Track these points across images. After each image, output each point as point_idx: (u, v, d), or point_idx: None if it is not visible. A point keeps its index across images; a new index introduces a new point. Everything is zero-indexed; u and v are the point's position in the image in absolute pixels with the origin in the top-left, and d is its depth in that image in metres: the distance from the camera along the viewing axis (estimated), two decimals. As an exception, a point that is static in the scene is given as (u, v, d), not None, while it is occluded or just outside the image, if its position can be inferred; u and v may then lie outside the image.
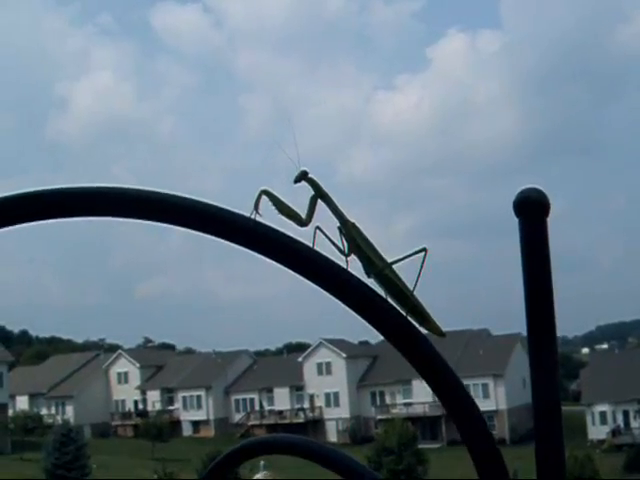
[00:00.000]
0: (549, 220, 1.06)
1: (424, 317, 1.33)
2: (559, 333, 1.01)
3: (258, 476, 45.80)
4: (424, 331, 1.23)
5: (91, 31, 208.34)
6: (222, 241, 1.10)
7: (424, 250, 1.33)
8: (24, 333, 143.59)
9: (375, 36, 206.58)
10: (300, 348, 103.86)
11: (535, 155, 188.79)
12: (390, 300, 1.27)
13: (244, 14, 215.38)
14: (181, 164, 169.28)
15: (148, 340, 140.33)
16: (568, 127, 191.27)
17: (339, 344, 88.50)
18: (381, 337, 1.09)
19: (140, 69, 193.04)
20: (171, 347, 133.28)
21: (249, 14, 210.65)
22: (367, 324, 1.10)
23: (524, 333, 1.07)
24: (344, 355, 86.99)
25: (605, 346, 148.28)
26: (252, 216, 1.20)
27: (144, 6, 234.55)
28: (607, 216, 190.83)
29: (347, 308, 1.10)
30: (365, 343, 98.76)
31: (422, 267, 1.32)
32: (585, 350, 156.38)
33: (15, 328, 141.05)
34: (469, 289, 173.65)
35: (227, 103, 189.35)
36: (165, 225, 1.10)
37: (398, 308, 1.21)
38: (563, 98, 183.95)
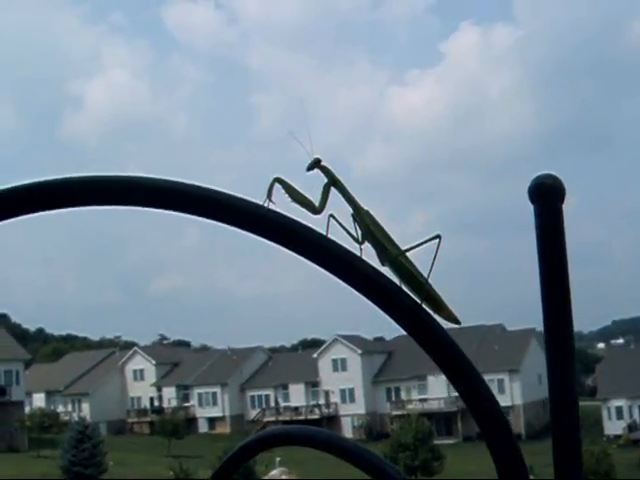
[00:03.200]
0: (564, 208, 1.05)
1: (439, 305, 1.31)
2: (574, 328, 1.02)
3: (274, 472, 45.90)
4: (439, 319, 1.22)
5: (104, 29, 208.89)
6: (237, 232, 1.09)
7: (438, 237, 1.30)
8: (40, 331, 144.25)
9: (389, 31, 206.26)
10: (315, 344, 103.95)
11: (550, 149, 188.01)
12: (404, 288, 1.24)
13: (257, 10, 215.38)
14: (194, 161, 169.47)
15: (163, 337, 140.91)
16: (583, 122, 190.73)
17: (354, 340, 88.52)
18: (396, 333, 1.10)
19: (153, 67, 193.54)
20: (186, 344, 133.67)
21: (262, 10, 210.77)
22: (382, 318, 1.08)
23: (539, 328, 1.07)
24: (359, 351, 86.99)
25: (621, 341, 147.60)
26: (265, 204, 1.19)
27: (156, 3, 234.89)
28: (623, 210, 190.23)
29: (362, 300, 1.08)
30: (380, 339, 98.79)
31: (436, 254, 1.29)
32: (601, 345, 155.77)
33: (31, 326, 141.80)
34: (484, 284, 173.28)
35: (240, 99, 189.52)
36: (179, 214, 1.08)
37: (413, 296, 1.19)
38: (577, 92, 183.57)
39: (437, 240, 1.30)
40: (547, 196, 1.05)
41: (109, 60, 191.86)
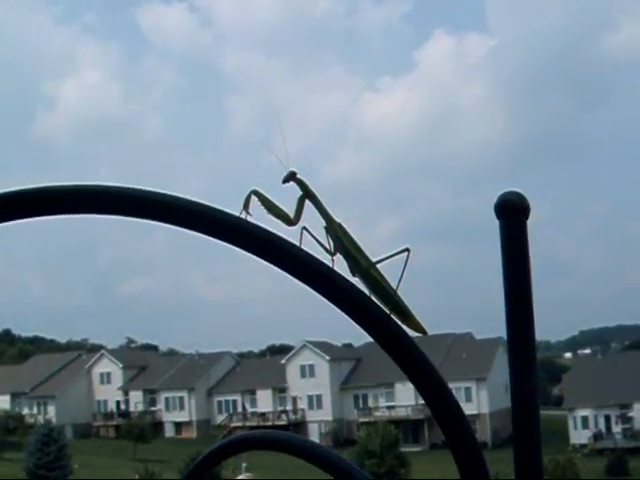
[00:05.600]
0: (529, 223, 1.07)
1: (407, 315, 1.36)
2: (542, 337, 1.05)
3: (240, 477, 45.87)
4: (407, 329, 1.23)
5: (77, 30, 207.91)
6: (212, 241, 1.11)
7: (407, 250, 1.36)
8: (7, 332, 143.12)
9: (363, 38, 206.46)
10: (283, 350, 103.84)
11: (520, 159, 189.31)
12: (374, 298, 1.28)
13: (231, 14, 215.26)
14: (166, 164, 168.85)
15: (131, 341, 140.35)
16: (553, 132, 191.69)
17: (323, 346, 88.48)
18: (364, 340, 1.12)
19: (126, 68, 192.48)
20: (154, 348, 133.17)
21: (236, 14, 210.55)
22: (351, 325, 1.11)
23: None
24: (327, 357, 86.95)
25: (588, 351, 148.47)
26: (242, 215, 1.24)
27: (130, 5, 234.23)
28: (592, 221, 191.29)
29: (332, 307, 1.11)
30: (349, 346, 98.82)
31: (405, 267, 1.35)
32: (568, 355, 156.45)
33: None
34: (453, 292, 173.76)
35: (214, 103, 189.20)
36: (157, 223, 1.11)
37: (381, 306, 1.22)
38: (548, 103, 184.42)
39: (406, 253, 1.36)
40: (512, 212, 1.07)
41: (82, 61, 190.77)
